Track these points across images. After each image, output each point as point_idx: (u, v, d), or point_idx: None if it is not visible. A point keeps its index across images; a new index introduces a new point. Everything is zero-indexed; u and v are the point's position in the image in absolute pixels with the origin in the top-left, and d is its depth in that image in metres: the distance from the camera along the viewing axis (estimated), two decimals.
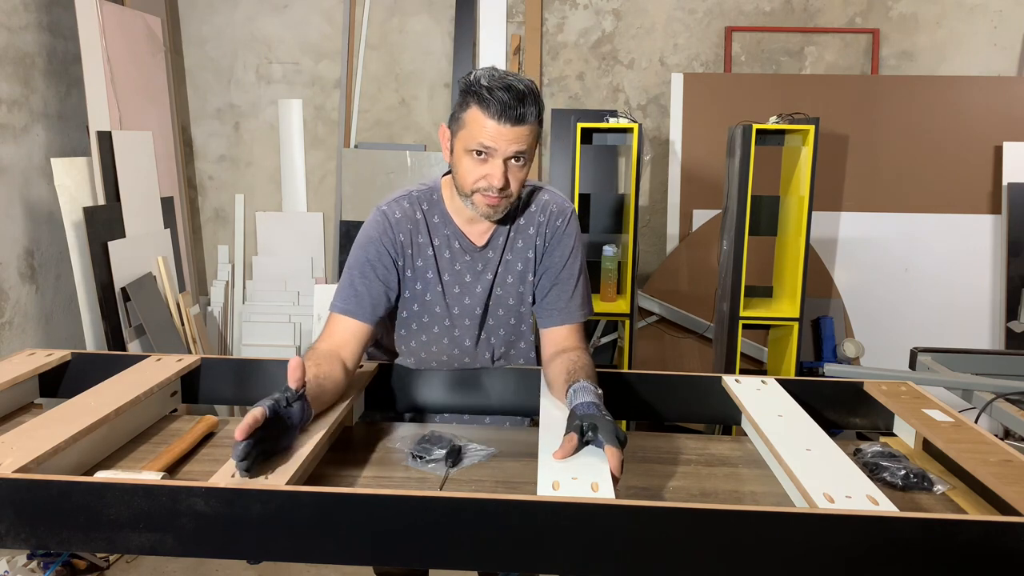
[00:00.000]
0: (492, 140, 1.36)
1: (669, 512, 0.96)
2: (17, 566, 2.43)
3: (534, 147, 1.42)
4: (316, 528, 0.98)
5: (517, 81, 1.36)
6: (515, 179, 1.41)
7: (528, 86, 1.37)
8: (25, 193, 3.25)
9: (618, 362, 3.44)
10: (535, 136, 1.41)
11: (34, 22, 3.31)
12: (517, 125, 1.36)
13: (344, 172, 3.80)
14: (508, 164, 1.39)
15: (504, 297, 1.58)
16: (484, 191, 1.41)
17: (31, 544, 1.02)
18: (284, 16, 4.00)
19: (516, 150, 1.38)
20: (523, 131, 1.37)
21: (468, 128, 1.38)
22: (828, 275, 3.61)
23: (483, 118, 1.35)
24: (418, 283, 1.55)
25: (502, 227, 1.55)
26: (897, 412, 1.46)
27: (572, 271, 1.57)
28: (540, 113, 1.39)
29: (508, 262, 1.56)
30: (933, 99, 3.60)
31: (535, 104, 1.37)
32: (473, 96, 1.36)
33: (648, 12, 3.86)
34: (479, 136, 1.36)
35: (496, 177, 1.38)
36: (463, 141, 1.40)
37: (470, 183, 1.41)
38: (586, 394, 1.28)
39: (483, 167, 1.39)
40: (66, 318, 3.50)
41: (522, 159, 1.40)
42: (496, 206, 1.43)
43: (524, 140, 1.38)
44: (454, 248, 1.54)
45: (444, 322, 1.57)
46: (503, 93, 1.33)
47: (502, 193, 1.41)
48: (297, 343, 3.90)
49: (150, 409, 1.46)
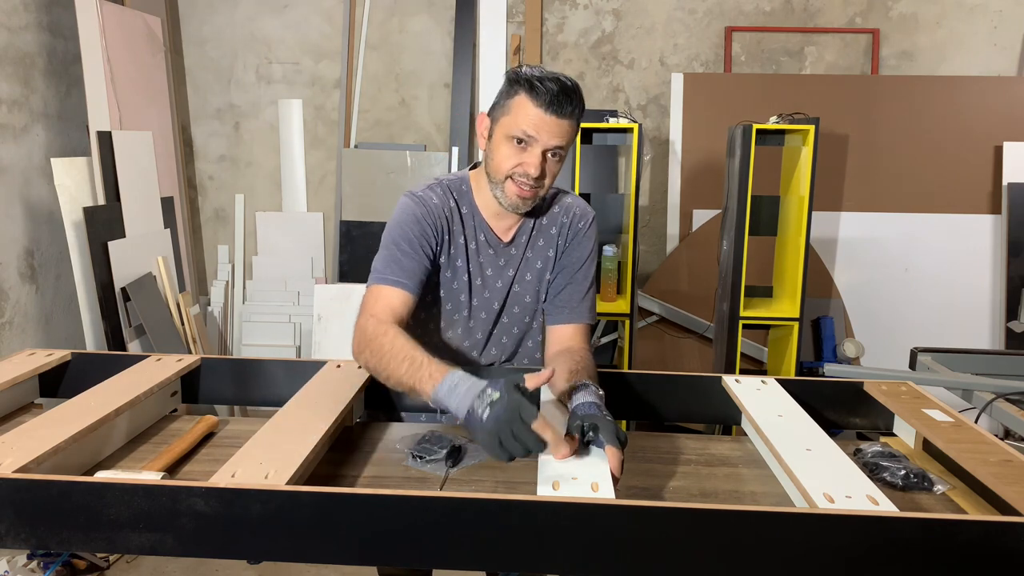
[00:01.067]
0: (535, 128, 1.38)
1: (669, 512, 0.96)
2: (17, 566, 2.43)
3: (570, 146, 1.44)
4: (316, 528, 0.98)
5: (566, 78, 1.39)
6: (550, 172, 1.44)
7: (575, 85, 1.40)
8: (25, 193, 3.25)
9: (618, 362, 3.44)
10: (574, 134, 1.43)
11: (34, 22, 3.31)
12: (562, 118, 1.38)
13: (344, 172, 3.80)
14: (545, 156, 1.41)
15: (522, 295, 1.60)
16: (518, 178, 1.42)
17: (31, 544, 1.02)
18: (284, 16, 4.00)
19: (556, 144, 1.40)
20: (565, 125, 1.39)
21: (513, 114, 1.40)
22: (828, 275, 3.61)
23: (530, 105, 1.37)
24: (448, 270, 1.56)
25: (526, 225, 1.57)
26: (897, 412, 1.46)
27: (587, 273, 1.60)
28: (582, 114, 1.42)
29: (528, 260, 1.58)
30: (933, 99, 3.60)
31: (580, 103, 1.40)
32: (523, 84, 1.38)
33: (648, 12, 3.86)
34: (523, 123, 1.38)
35: (533, 165, 1.40)
36: (505, 127, 1.41)
37: (506, 169, 1.43)
38: (588, 395, 1.28)
39: (521, 155, 1.41)
40: (66, 318, 3.50)
41: (559, 154, 1.42)
42: (526, 197, 1.44)
43: (565, 135, 1.40)
44: (479, 241, 1.56)
45: (464, 311, 1.58)
46: (553, 84, 1.36)
47: (536, 183, 1.42)
48: (297, 343, 3.90)
49: (150, 409, 1.46)
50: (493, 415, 1.11)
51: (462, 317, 1.59)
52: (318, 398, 1.42)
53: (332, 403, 1.39)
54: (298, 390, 1.46)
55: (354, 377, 1.53)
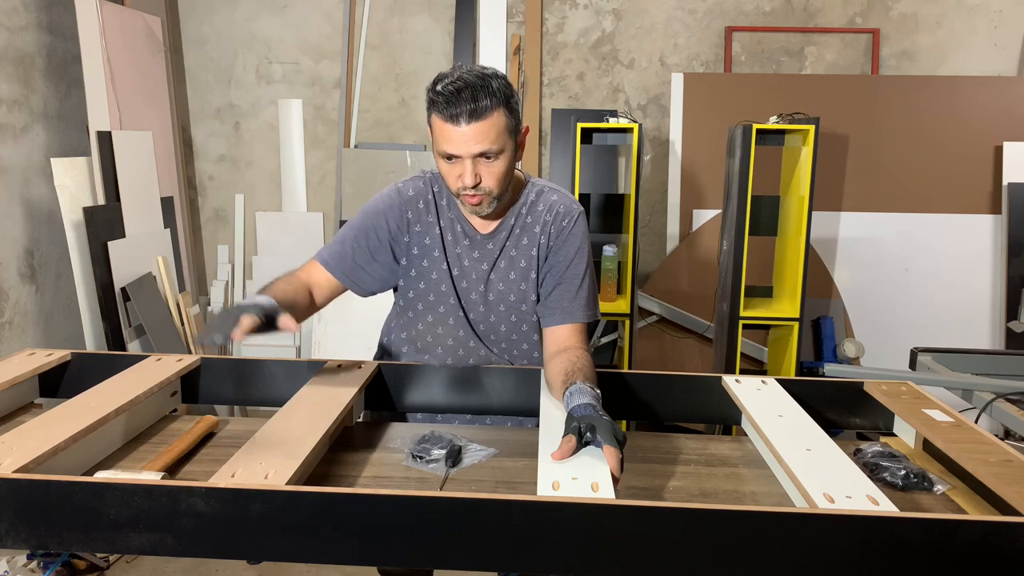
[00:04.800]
0: (451, 144, 1.36)
1: (669, 512, 0.96)
2: (17, 566, 2.43)
3: (504, 138, 1.38)
4: (316, 528, 0.98)
5: (470, 74, 1.34)
6: (490, 175, 1.40)
7: (481, 76, 1.34)
8: (25, 193, 3.25)
9: (618, 362, 3.44)
10: (502, 127, 1.36)
11: (34, 22, 3.31)
12: (474, 122, 1.33)
13: (344, 172, 3.79)
14: (477, 162, 1.38)
15: (506, 293, 1.58)
16: (462, 191, 1.42)
17: (31, 544, 1.02)
18: (284, 16, 4.00)
19: (480, 150, 1.36)
20: (482, 127, 1.34)
21: (434, 135, 1.40)
22: (828, 275, 3.61)
23: (441, 123, 1.36)
24: (424, 260, 1.57)
25: (508, 220, 1.55)
26: (897, 412, 1.46)
27: (577, 271, 1.56)
28: (507, 101, 1.36)
29: (512, 258, 1.56)
30: (933, 99, 3.60)
31: (491, 95, 1.33)
32: (430, 103, 1.37)
33: (648, 12, 3.86)
34: (442, 143, 1.38)
35: (466, 176, 1.38)
36: (436, 146, 1.41)
37: (451, 186, 1.44)
38: (583, 395, 1.27)
39: (454, 168, 1.40)
40: (66, 318, 3.50)
41: (491, 155, 1.38)
42: (479, 204, 1.43)
43: (486, 136, 1.35)
44: (456, 231, 1.56)
45: (449, 300, 1.59)
46: (453, 94, 1.32)
47: (478, 190, 1.41)
48: (297, 343, 3.90)
49: (150, 409, 1.46)
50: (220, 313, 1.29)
51: (448, 309, 1.59)
52: (318, 398, 1.41)
53: (332, 403, 1.38)
54: (298, 390, 1.46)
55: (354, 377, 1.53)
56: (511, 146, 1.41)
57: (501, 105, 1.35)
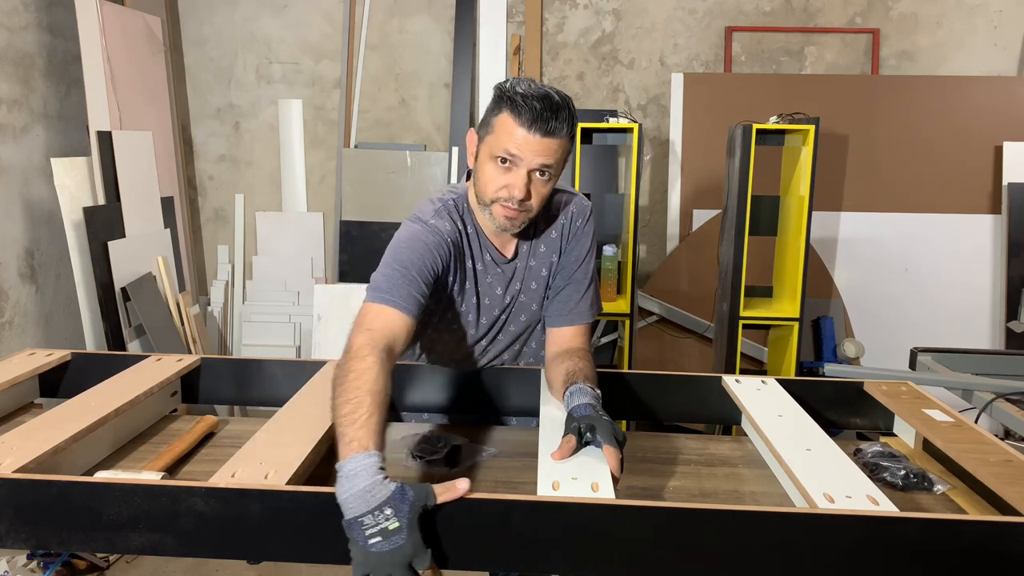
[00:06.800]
0: (518, 148, 1.32)
1: (669, 512, 0.96)
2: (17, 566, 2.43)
3: (562, 164, 1.38)
4: (316, 528, 0.98)
5: (554, 92, 1.33)
6: (537, 193, 1.37)
7: (565, 99, 1.34)
8: (25, 193, 3.25)
9: (618, 362, 3.44)
10: (564, 153, 1.37)
11: (34, 22, 3.31)
12: (547, 137, 1.32)
13: (344, 172, 3.79)
14: (532, 176, 1.35)
15: (527, 304, 1.57)
16: (504, 201, 1.36)
17: (31, 544, 1.02)
18: (284, 16, 4.00)
19: (542, 163, 1.33)
20: (552, 144, 1.33)
21: (496, 133, 1.34)
22: (828, 275, 3.61)
23: (513, 124, 1.32)
24: (459, 295, 1.52)
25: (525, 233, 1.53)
26: (897, 412, 1.46)
27: (586, 271, 1.56)
28: (573, 130, 1.36)
29: (532, 268, 1.55)
30: (933, 99, 3.60)
31: (569, 120, 1.33)
32: (506, 101, 1.33)
33: (648, 12, 3.86)
34: (506, 143, 1.33)
35: (518, 187, 1.34)
36: (489, 146, 1.36)
37: (491, 191, 1.37)
38: (583, 396, 1.27)
39: (506, 176, 1.35)
40: (66, 318, 3.50)
41: (547, 173, 1.36)
42: (514, 219, 1.39)
43: (552, 154, 1.34)
44: (486, 261, 1.52)
45: (471, 329, 1.56)
46: (537, 102, 1.30)
47: (522, 206, 1.36)
48: (297, 343, 3.90)
49: (150, 409, 1.46)
50: (380, 548, 0.91)
51: (467, 333, 1.57)
52: (318, 398, 1.41)
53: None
54: (298, 390, 1.46)
55: None
56: (560, 173, 1.41)
57: (571, 132, 1.36)
